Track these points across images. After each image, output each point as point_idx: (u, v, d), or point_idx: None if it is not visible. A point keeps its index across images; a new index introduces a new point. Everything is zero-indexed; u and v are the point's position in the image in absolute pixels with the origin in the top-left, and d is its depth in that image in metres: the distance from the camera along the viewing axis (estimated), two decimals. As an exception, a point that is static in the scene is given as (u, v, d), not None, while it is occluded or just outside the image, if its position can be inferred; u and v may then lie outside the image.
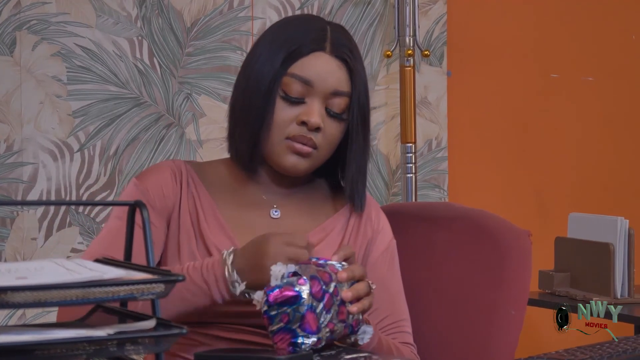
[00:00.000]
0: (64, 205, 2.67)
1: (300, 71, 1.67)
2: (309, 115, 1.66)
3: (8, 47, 2.58)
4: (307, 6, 2.87)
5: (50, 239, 2.62)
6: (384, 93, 2.98)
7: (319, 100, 1.68)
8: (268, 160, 1.71)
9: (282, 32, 1.72)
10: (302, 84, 1.67)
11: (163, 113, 2.72)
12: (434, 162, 3.04)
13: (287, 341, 1.43)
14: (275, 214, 1.73)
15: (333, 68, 1.69)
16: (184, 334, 1.08)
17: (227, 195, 1.73)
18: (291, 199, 1.75)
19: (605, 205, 3.20)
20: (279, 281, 1.43)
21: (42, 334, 1.01)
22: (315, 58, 1.68)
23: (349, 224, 1.76)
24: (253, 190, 1.74)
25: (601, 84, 3.31)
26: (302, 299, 1.42)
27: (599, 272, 2.66)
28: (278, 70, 1.67)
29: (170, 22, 2.73)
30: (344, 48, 1.71)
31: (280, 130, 1.67)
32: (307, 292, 1.43)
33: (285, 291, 1.42)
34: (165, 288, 1.06)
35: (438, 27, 3.04)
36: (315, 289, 1.43)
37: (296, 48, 1.68)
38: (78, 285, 1.01)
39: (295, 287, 1.42)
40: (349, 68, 1.70)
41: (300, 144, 1.67)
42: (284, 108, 1.67)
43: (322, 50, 1.69)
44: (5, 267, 1.05)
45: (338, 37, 1.71)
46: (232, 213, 1.70)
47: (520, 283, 1.88)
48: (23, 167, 2.60)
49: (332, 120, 1.69)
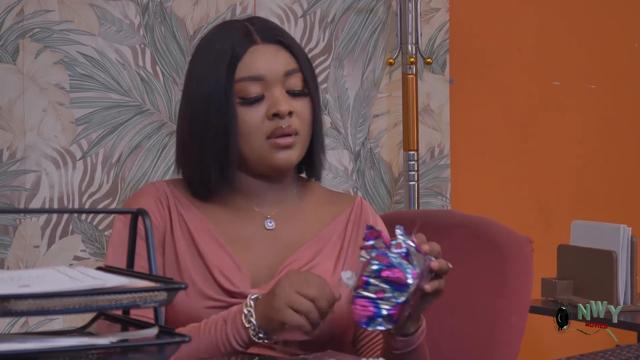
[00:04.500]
0: (67, 213, 2.67)
1: (246, 72, 1.67)
2: (276, 105, 1.66)
3: (11, 55, 2.58)
4: (309, 14, 2.87)
5: (53, 246, 2.62)
6: (386, 101, 2.98)
7: (277, 88, 1.68)
8: (255, 166, 1.69)
9: (210, 48, 1.72)
10: (255, 82, 1.67)
11: (166, 121, 2.72)
12: (436, 170, 3.04)
13: (368, 313, 1.43)
14: (270, 225, 1.71)
15: (272, 53, 1.69)
16: (187, 342, 1.08)
17: (219, 211, 1.71)
18: (283, 208, 1.73)
19: (608, 213, 3.20)
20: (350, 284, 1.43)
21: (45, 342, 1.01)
22: (253, 53, 1.69)
23: (346, 233, 1.75)
24: (244, 204, 1.72)
25: (604, 91, 3.31)
26: (407, 290, 1.43)
27: (602, 280, 2.66)
28: (225, 83, 1.66)
29: (173, 30, 2.73)
30: (270, 31, 1.72)
31: (257, 133, 1.66)
32: (413, 287, 1.43)
33: (397, 273, 1.42)
34: (167, 296, 1.06)
35: (440, 35, 3.04)
36: (418, 279, 1.43)
37: (231, 54, 1.68)
38: (81, 293, 1.01)
39: (408, 278, 1.42)
40: (285, 46, 1.71)
41: (283, 137, 1.66)
42: (247, 112, 1.67)
43: (254, 43, 1.69)
44: (8, 275, 1.05)
45: (260, 25, 1.73)
46: (226, 229, 1.69)
47: (522, 290, 1.88)
48: (26, 175, 2.60)
49: (297, 99, 1.69)
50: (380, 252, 1.43)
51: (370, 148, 2.96)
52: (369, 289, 1.43)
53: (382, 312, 1.43)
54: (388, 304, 1.43)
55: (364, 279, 1.43)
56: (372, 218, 1.79)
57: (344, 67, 2.92)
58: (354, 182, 2.92)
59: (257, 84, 1.67)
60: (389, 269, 1.42)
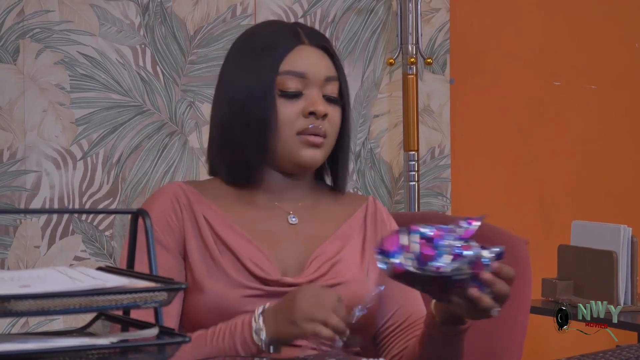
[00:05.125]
0: (67, 213, 2.67)
1: (291, 66, 1.70)
2: (314, 104, 1.70)
3: (11, 55, 2.58)
4: (309, 14, 2.87)
5: (53, 247, 2.62)
6: (386, 101, 2.98)
7: (316, 89, 1.71)
8: (281, 160, 1.71)
9: (255, 41, 1.75)
10: (297, 78, 1.70)
11: (166, 121, 2.72)
12: (436, 170, 3.04)
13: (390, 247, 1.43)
14: (293, 220, 1.73)
15: (318, 56, 1.73)
16: (187, 342, 1.08)
17: (239, 208, 1.72)
18: (303, 205, 1.76)
19: (609, 213, 3.20)
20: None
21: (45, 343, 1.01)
22: (300, 51, 1.72)
23: (366, 229, 1.78)
24: (264, 200, 1.74)
25: (604, 92, 3.31)
26: (420, 270, 1.41)
27: (602, 280, 2.66)
28: (269, 73, 1.70)
29: (173, 30, 2.73)
30: (319, 37, 1.77)
31: (289, 127, 1.69)
32: (431, 273, 1.41)
33: (425, 252, 1.42)
34: (168, 296, 1.06)
35: (441, 35, 3.04)
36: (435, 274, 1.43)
37: (279, 48, 1.71)
38: (81, 293, 1.01)
39: (430, 264, 1.41)
40: (329, 54, 1.75)
41: (314, 136, 1.69)
42: (285, 105, 1.70)
43: (302, 43, 1.73)
44: (9, 275, 1.05)
45: (309, 29, 1.77)
46: (250, 225, 1.70)
47: (521, 291, 1.87)
48: (26, 175, 2.60)
49: (331, 105, 1.73)
50: (446, 230, 1.43)
51: (370, 148, 2.96)
52: (409, 236, 1.43)
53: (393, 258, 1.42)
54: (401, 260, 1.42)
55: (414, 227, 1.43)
56: (386, 216, 1.81)
57: (344, 67, 2.91)
58: (354, 182, 2.92)
59: (299, 81, 1.70)
60: (429, 245, 1.42)
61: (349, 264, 1.71)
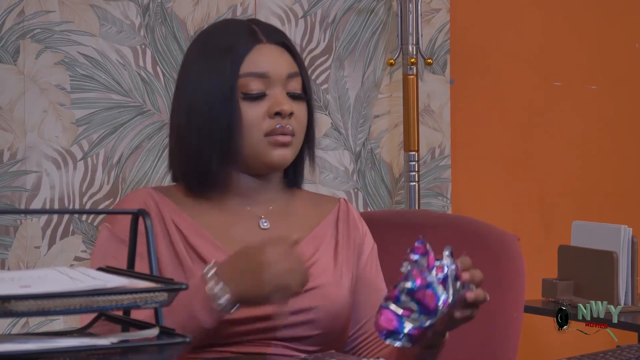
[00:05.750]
0: (67, 213, 2.67)
1: (252, 68, 1.68)
2: (279, 104, 1.67)
3: (12, 55, 2.58)
4: (309, 14, 2.88)
5: (54, 247, 2.62)
6: (386, 101, 2.98)
7: (279, 88, 1.69)
8: (249, 163, 1.68)
9: (211, 44, 1.72)
10: (258, 79, 1.68)
11: (166, 122, 2.72)
12: (437, 170, 3.05)
13: (390, 327, 1.42)
14: (265, 225, 1.71)
15: (278, 54, 1.70)
16: (188, 343, 1.08)
17: (209, 213, 1.70)
18: (274, 209, 1.73)
19: (609, 214, 3.20)
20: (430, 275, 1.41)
21: (45, 343, 1.01)
22: (259, 51, 1.70)
23: (338, 231, 1.76)
24: (234, 204, 1.71)
25: (604, 92, 3.31)
26: (434, 316, 1.41)
27: (603, 281, 2.66)
28: (230, 77, 1.67)
29: (174, 30, 2.73)
30: (277, 33, 1.74)
31: (256, 130, 1.66)
32: (441, 315, 1.42)
33: (429, 298, 1.41)
34: (168, 296, 1.07)
35: (441, 36, 3.04)
36: (447, 309, 1.42)
37: (237, 49, 1.68)
38: (82, 293, 1.01)
39: (439, 305, 1.40)
40: (288, 49, 1.72)
41: (282, 135, 1.67)
42: (249, 107, 1.67)
43: (260, 42, 1.70)
44: (9, 276, 1.05)
45: (265, 27, 1.74)
46: (221, 230, 1.68)
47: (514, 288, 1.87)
48: (26, 176, 2.60)
49: (296, 102, 1.70)
50: (419, 271, 1.42)
51: (370, 148, 2.96)
52: (398, 304, 1.42)
53: (404, 329, 1.42)
54: (412, 324, 1.42)
55: (396, 292, 1.42)
56: (358, 218, 1.80)
57: (344, 67, 2.92)
58: (354, 182, 2.92)
59: (261, 81, 1.68)
60: (423, 291, 1.41)
61: (323, 267, 1.69)
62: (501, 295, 1.83)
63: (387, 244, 1.89)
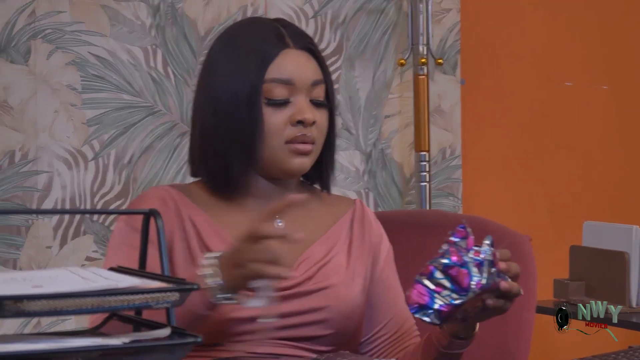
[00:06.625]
0: (79, 214, 2.68)
1: (277, 74, 1.67)
2: (302, 113, 1.66)
3: (23, 55, 2.59)
4: (320, 15, 2.87)
5: (65, 247, 2.63)
6: (397, 101, 2.98)
7: (303, 95, 1.68)
8: (268, 168, 1.68)
9: (238, 42, 1.70)
10: (283, 85, 1.67)
11: (177, 122, 2.73)
12: (448, 171, 3.04)
13: (422, 301, 1.43)
14: (280, 225, 1.71)
15: (304, 60, 1.70)
16: (199, 342, 1.08)
17: (225, 212, 1.70)
18: (290, 210, 1.74)
19: (620, 214, 3.19)
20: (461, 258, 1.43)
21: (57, 343, 1.01)
22: (286, 56, 1.68)
23: (352, 232, 1.76)
24: (251, 204, 1.72)
25: (615, 92, 3.30)
26: (465, 295, 1.43)
27: (614, 281, 2.66)
28: (255, 81, 1.65)
29: (184, 30, 2.74)
30: (303, 38, 1.72)
31: (277, 136, 1.66)
32: (473, 295, 1.43)
33: (463, 276, 1.42)
34: (180, 296, 1.07)
35: (452, 36, 3.03)
36: (480, 291, 1.43)
37: (264, 53, 1.67)
38: (93, 293, 1.01)
39: (472, 284, 1.42)
40: (314, 56, 1.71)
41: (302, 144, 1.66)
42: (272, 114, 1.66)
43: (287, 47, 1.69)
44: (21, 276, 1.05)
45: (293, 30, 1.73)
46: (234, 229, 1.68)
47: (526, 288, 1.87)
48: (38, 176, 2.60)
49: (319, 110, 1.69)
50: (457, 250, 1.44)
51: (381, 149, 2.96)
52: (432, 279, 1.43)
53: (434, 305, 1.44)
54: (443, 301, 1.43)
55: (430, 268, 1.44)
56: (373, 219, 1.80)
57: (355, 67, 2.92)
58: (365, 182, 2.92)
59: (285, 88, 1.67)
60: (457, 268, 1.43)
61: (336, 267, 1.69)
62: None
63: (399, 244, 1.89)
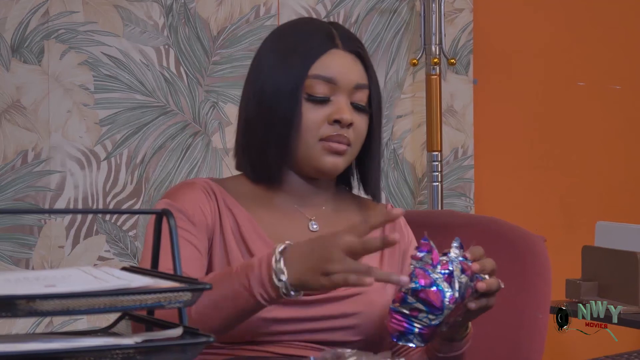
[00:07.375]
0: (91, 213, 2.68)
1: (321, 71, 1.67)
2: (340, 112, 1.66)
3: (36, 56, 2.59)
4: (333, 14, 2.87)
5: (78, 247, 2.63)
6: (410, 101, 2.98)
7: (344, 96, 1.68)
8: (302, 165, 1.68)
9: (288, 38, 1.72)
10: (325, 83, 1.67)
11: (189, 122, 2.73)
12: (460, 171, 3.04)
13: (400, 328, 1.43)
14: (314, 227, 1.71)
15: (350, 62, 1.69)
16: (211, 342, 1.08)
17: (261, 209, 1.70)
18: (323, 211, 1.73)
19: (633, 214, 3.19)
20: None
21: (70, 342, 1.02)
22: (332, 55, 1.68)
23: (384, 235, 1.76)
24: (285, 202, 1.72)
25: (628, 92, 3.29)
26: (441, 314, 1.42)
27: (627, 281, 2.65)
28: (298, 75, 1.66)
29: (197, 30, 2.74)
30: (353, 41, 1.72)
31: (313, 133, 1.66)
32: (449, 311, 1.43)
33: (433, 296, 1.42)
34: (192, 296, 1.07)
35: (464, 36, 3.03)
36: (455, 304, 1.43)
37: (311, 50, 1.68)
38: (106, 293, 1.01)
39: (444, 302, 1.42)
40: (362, 60, 1.71)
41: (337, 143, 1.66)
42: (311, 110, 1.66)
43: (335, 47, 1.69)
44: (34, 275, 1.06)
45: (344, 32, 1.73)
46: (272, 227, 1.68)
47: (541, 289, 1.86)
48: (50, 176, 2.61)
49: (359, 114, 1.69)
50: (423, 270, 1.42)
51: (393, 149, 2.95)
52: (405, 305, 1.43)
53: (414, 329, 1.43)
54: (421, 324, 1.43)
55: (401, 294, 1.43)
56: (404, 224, 1.80)
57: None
58: (377, 182, 2.92)
59: (327, 86, 1.67)
60: (426, 290, 1.42)
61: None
62: (527, 296, 1.83)
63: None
